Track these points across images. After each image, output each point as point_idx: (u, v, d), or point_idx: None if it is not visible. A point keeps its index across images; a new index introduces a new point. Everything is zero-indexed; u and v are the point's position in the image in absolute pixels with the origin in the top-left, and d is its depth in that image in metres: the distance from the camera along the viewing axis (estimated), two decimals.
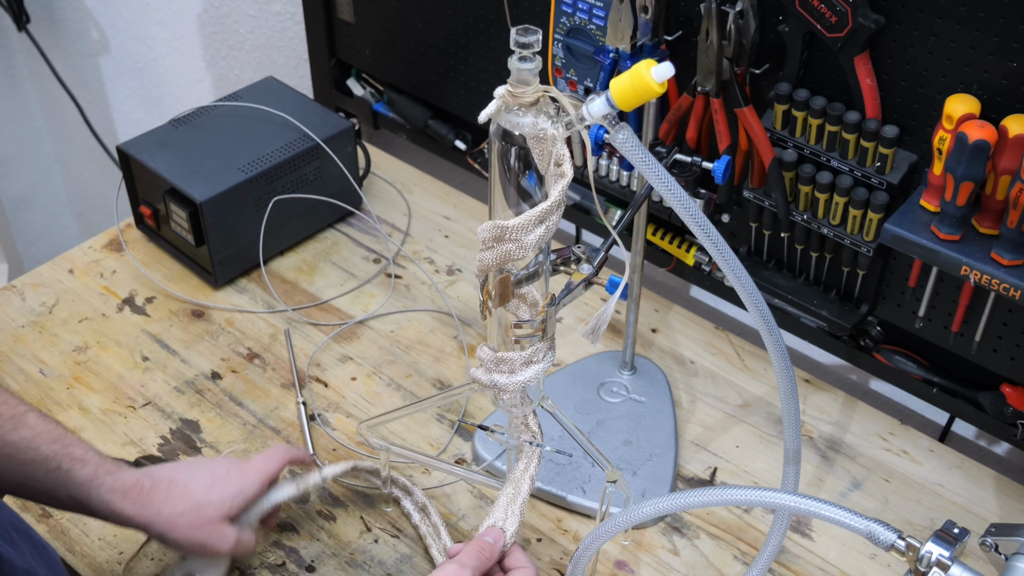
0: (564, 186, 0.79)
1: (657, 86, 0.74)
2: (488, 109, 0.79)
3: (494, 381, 0.88)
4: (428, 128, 1.51)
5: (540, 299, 0.87)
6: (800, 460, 0.93)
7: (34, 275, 1.36)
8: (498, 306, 0.85)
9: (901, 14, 1.00)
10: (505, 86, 0.78)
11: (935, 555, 0.74)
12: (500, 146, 0.80)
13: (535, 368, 0.88)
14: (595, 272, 0.94)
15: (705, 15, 1.07)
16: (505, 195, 0.83)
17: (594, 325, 0.86)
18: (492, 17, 1.34)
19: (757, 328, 0.83)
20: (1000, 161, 0.94)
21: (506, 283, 0.84)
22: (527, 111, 0.77)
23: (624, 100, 0.75)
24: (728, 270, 0.80)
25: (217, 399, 1.21)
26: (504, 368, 0.88)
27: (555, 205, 0.79)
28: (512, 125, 0.78)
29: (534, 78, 0.77)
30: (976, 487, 1.14)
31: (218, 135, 1.37)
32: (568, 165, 0.79)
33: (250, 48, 1.87)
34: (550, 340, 0.89)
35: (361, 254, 1.41)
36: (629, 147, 0.76)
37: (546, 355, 0.88)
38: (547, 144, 0.78)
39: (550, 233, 0.81)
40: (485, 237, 0.80)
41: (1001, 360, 1.09)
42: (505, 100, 0.78)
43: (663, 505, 0.83)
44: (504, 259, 0.80)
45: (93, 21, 2.18)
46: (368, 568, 1.04)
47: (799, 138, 1.09)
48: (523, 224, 0.79)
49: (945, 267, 1.00)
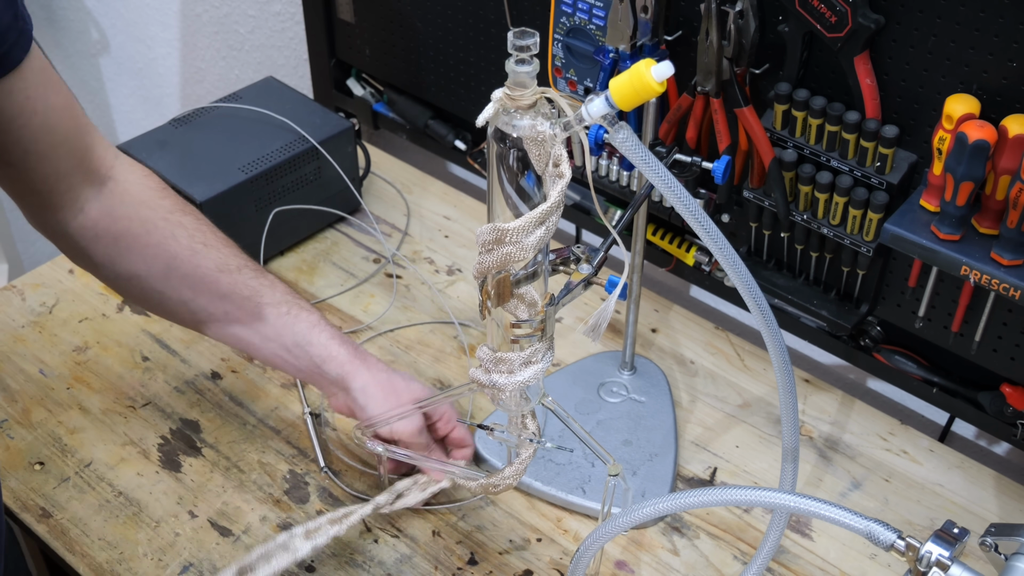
0: (563, 187, 0.79)
1: (657, 85, 0.74)
2: (486, 112, 0.79)
3: (493, 381, 0.88)
4: (428, 128, 1.51)
5: (539, 299, 0.87)
6: (798, 458, 0.93)
7: (34, 275, 1.36)
8: (497, 306, 0.85)
9: (901, 14, 1.00)
10: (503, 88, 0.78)
11: (935, 555, 0.74)
12: (498, 148, 0.80)
13: (534, 368, 0.88)
14: (594, 272, 0.94)
15: (705, 15, 1.07)
16: (504, 197, 0.83)
17: (594, 323, 0.86)
18: (492, 17, 1.34)
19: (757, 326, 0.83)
20: (1000, 161, 0.94)
21: (505, 283, 0.84)
22: (525, 113, 0.77)
23: (624, 100, 0.75)
24: (730, 268, 0.80)
25: (217, 399, 1.21)
26: (503, 368, 0.88)
27: (554, 206, 0.79)
28: (510, 127, 0.78)
29: (532, 81, 0.77)
30: (976, 487, 1.14)
31: (218, 135, 1.37)
32: (566, 166, 0.79)
33: (250, 48, 1.87)
34: (549, 340, 0.89)
35: (361, 254, 1.41)
36: (629, 146, 0.76)
37: (545, 355, 0.88)
38: (545, 146, 0.78)
39: (550, 234, 0.81)
40: (485, 240, 0.80)
41: (1001, 360, 1.09)
42: (503, 103, 0.78)
43: (664, 505, 0.83)
44: (504, 261, 0.80)
45: (93, 21, 2.18)
46: (368, 568, 1.04)
47: (799, 138, 1.09)
48: (523, 226, 0.79)
49: (945, 267, 1.00)
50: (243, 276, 1.04)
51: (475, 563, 1.05)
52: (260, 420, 1.18)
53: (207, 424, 1.18)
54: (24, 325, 1.29)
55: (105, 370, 1.24)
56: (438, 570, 1.04)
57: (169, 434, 1.16)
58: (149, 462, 1.13)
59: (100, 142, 0.99)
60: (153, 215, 1.01)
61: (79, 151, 0.96)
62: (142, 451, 1.14)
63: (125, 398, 1.20)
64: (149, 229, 1.01)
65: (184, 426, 1.17)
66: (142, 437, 1.16)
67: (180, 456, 1.14)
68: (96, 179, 0.98)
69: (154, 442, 1.15)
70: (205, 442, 1.16)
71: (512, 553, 1.06)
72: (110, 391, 1.21)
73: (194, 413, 1.19)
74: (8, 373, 1.23)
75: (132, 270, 1.02)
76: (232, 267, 1.04)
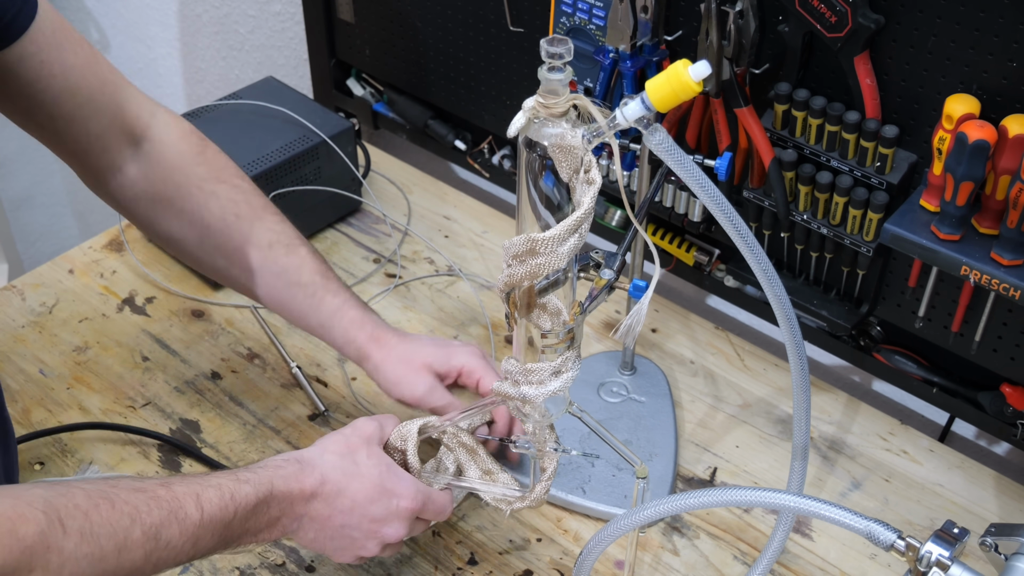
0: (594, 193, 0.78)
1: (695, 85, 0.74)
2: (517, 122, 0.77)
3: (523, 394, 0.87)
4: (428, 128, 1.51)
5: (562, 307, 0.87)
6: (808, 456, 0.93)
7: (34, 275, 1.36)
8: (524, 316, 0.85)
9: (901, 14, 1.00)
10: (535, 97, 0.77)
11: (935, 555, 0.74)
12: (528, 157, 0.79)
13: (564, 377, 0.87)
14: (616, 276, 0.94)
15: (705, 15, 1.07)
16: (533, 206, 0.82)
17: (629, 324, 0.85)
18: (492, 17, 1.34)
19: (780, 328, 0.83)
20: (1000, 161, 0.94)
21: (530, 294, 0.83)
22: (557, 121, 0.77)
23: (661, 101, 0.75)
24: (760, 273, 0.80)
25: (217, 399, 1.21)
26: (533, 379, 0.87)
27: (587, 213, 0.79)
28: (541, 136, 0.77)
29: (564, 88, 0.76)
30: (976, 487, 1.14)
31: (218, 135, 1.36)
32: (596, 172, 0.78)
33: (250, 48, 1.87)
34: (577, 349, 0.88)
35: (361, 254, 1.41)
36: (665, 149, 0.75)
37: (574, 364, 0.88)
38: (575, 153, 0.77)
39: (582, 242, 0.80)
40: (517, 251, 0.79)
41: (1001, 360, 1.09)
42: (535, 111, 0.77)
43: (667, 507, 0.83)
44: (537, 271, 0.79)
45: (93, 21, 2.18)
46: (368, 568, 1.04)
47: (799, 138, 1.09)
48: (557, 235, 0.78)
49: (945, 267, 1.00)
50: (273, 253, 1.03)
51: (475, 563, 1.05)
52: (260, 420, 1.18)
53: (207, 424, 1.18)
54: (24, 325, 1.29)
55: (105, 370, 1.24)
56: (438, 570, 1.04)
57: (169, 434, 1.16)
58: (149, 462, 1.13)
59: (134, 98, 0.98)
60: (187, 182, 1.01)
61: (109, 110, 0.95)
62: (142, 451, 1.14)
63: (125, 398, 1.20)
64: (183, 195, 1.00)
65: (184, 426, 1.17)
66: (142, 437, 1.16)
67: (180, 456, 1.14)
68: (132, 139, 0.98)
69: (154, 442, 1.15)
70: (205, 442, 1.16)
71: (512, 553, 1.06)
72: (110, 391, 1.21)
73: (194, 413, 1.19)
74: (8, 373, 1.23)
75: (171, 233, 1.03)
76: (263, 243, 1.03)
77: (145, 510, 0.77)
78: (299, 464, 0.89)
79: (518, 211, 0.83)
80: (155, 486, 0.80)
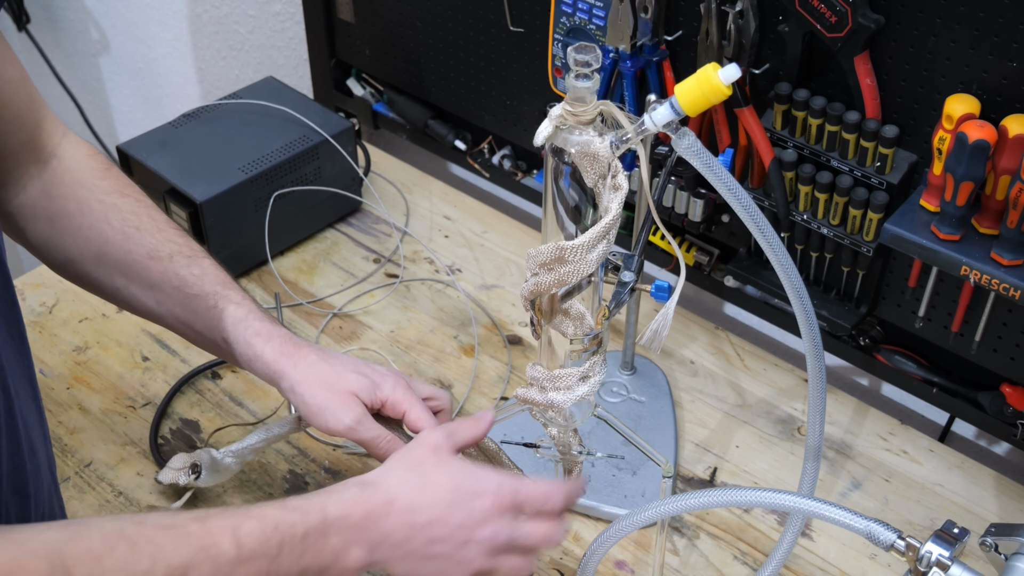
0: (622, 199, 0.78)
1: (726, 88, 0.74)
2: (544, 130, 0.77)
3: (550, 400, 0.87)
4: (428, 128, 1.51)
5: (585, 312, 0.87)
6: (820, 458, 0.93)
7: (34, 275, 1.36)
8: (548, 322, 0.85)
9: (901, 14, 1.00)
10: (562, 104, 0.77)
11: (935, 555, 0.74)
12: (555, 164, 0.79)
13: (591, 382, 0.87)
14: (636, 278, 0.94)
15: (705, 15, 1.07)
16: (558, 214, 0.82)
17: (655, 329, 0.85)
18: (492, 17, 1.34)
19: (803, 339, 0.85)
20: (1000, 161, 0.94)
21: (553, 299, 0.84)
22: (584, 128, 0.77)
23: (691, 105, 0.75)
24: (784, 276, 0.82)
25: (217, 399, 1.21)
26: (560, 385, 0.87)
27: (615, 219, 0.79)
28: (568, 143, 0.77)
29: (592, 96, 0.75)
30: (976, 487, 1.14)
31: (218, 135, 1.37)
32: (623, 177, 0.78)
33: (250, 48, 1.87)
34: (604, 352, 0.88)
35: (361, 254, 1.41)
36: (694, 152, 0.75)
37: (601, 368, 0.88)
38: (602, 159, 0.77)
39: (609, 248, 0.80)
40: (544, 260, 0.79)
41: (1001, 360, 1.09)
42: (563, 118, 0.77)
43: (668, 507, 0.83)
44: (565, 279, 0.79)
45: (93, 21, 2.18)
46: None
47: (799, 138, 1.09)
48: (587, 242, 0.78)
49: (945, 267, 1.00)
50: (173, 264, 0.97)
51: None
52: (260, 420, 1.18)
53: (207, 424, 1.18)
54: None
55: (105, 370, 1.24)
56: None
57: (169, 434, 1.16)
58: (149, 462, 1.13)
59: (50, 120, 0.96)
60: (89, 196, 0.97)
61: (29, 127, 0.93)
62: (142, 451, 1.14)
63: (125, 398, 1.20)
64: (83, 210, 0.96)
65: (184, 426, 1.17)
66: (142, 437, 1.16)
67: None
68: (41, 157, 0.95)
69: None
70: (205, 442, 1.16)
71: None
72: (110, 391, 1.21)
73: (194, 413, 1.19)
74: None
75: (66, 255, 0.98)
76: (163, 254, 0.97)
77: (171, 549, 0.70)
78: (360, 486, 0.81)
79: (544, 219, 0.83)
80: (188, 520, 0.73)
